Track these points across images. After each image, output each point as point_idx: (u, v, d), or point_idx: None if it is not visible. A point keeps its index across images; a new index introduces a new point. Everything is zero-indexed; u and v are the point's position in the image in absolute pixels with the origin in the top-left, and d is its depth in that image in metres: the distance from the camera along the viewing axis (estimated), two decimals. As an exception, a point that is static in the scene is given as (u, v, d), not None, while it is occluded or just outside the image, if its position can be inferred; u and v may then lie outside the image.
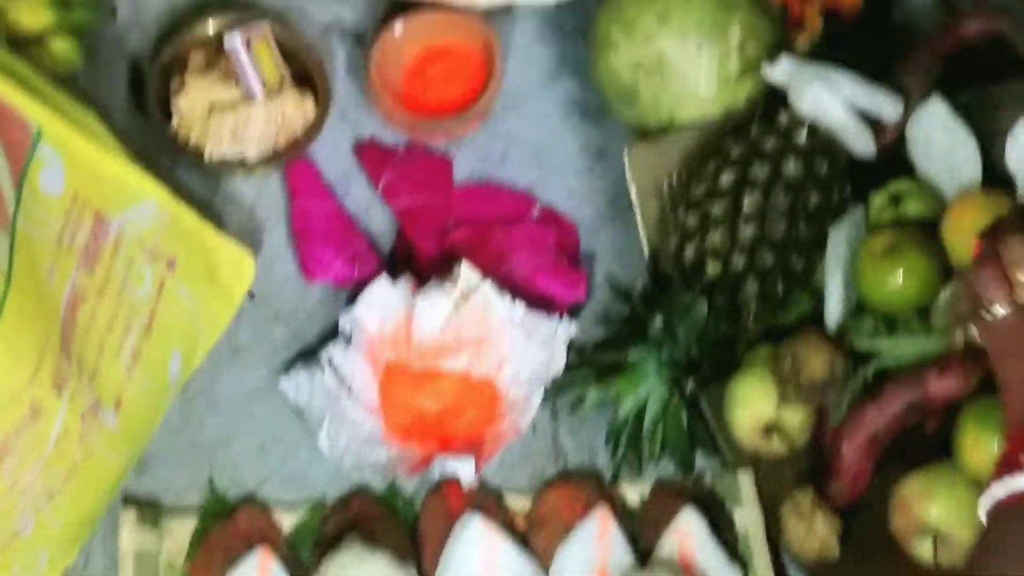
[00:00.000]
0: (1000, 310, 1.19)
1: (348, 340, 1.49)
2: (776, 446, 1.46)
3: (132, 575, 1.40)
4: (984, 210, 1.37)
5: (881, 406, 1.42)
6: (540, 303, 1.51)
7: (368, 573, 1.34)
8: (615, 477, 1.49)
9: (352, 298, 1.52)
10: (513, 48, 1.63)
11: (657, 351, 1.46)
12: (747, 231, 1.47)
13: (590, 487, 1.46)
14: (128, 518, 1.42)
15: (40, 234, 1.28)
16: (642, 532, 1.46)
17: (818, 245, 1.48)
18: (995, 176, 1.44)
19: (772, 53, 1.50)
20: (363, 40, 1.62)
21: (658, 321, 1.46)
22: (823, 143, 1.49)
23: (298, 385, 1.49)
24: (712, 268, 1.48)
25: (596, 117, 1.63)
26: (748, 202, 1.47)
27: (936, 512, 1.39)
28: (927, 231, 1.44)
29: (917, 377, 1.41)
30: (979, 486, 1.36)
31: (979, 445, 1.37)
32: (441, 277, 1.50)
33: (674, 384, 1.46)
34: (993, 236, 1.22)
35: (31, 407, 1.27)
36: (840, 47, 1.52)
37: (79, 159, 1.28)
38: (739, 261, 1.48)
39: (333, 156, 1.61)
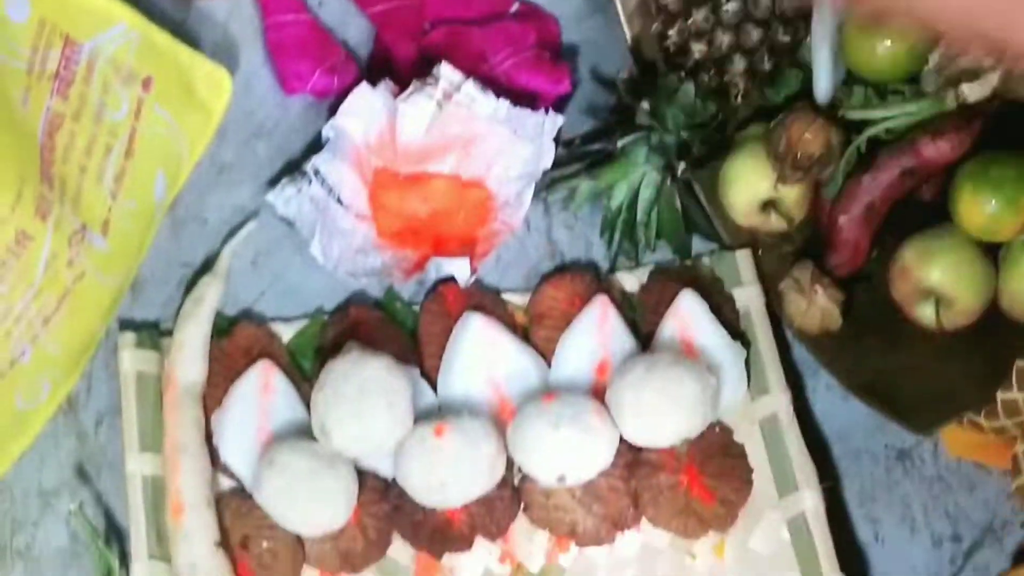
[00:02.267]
0: None
1: (333, 150, 1.46)
2: (774, 223, 1.44)
3: (134, 397, 1.39)
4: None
5: (876, 175, 1.40)
6: (524, 99, 1.48)
7: (370, 376, 1.33)
8: (612, 267, 1.49)
9: (333, 109, 1.49)
10: None
11: (646, 138, 1.43)
12: (731, 8, 1.44)
13: (587, 279, 1.45)
14: (127, 341, 1.41)
15: (10, 62, 1.27)
16: (642, 318, 1.45)
17: (804, 18, 1.45)
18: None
19: None
20: None
21: (645, 107, 1.43)
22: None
23: (286, 198, 1.46)
24: (697, 49, 1.45)
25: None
26: (731, -21, 1.41)
27: (937, 274, 1.38)
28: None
29: (911, 143, 1.39)
30: (978, 246, 1.37)
31: (976, 204, 1.36)
32: (421, 80, 1.47)
33: (666, 169, 1.44)
34: None
35: (16, 234, 1.27)
36: None
37: (42, -17, 1.26)
38: (724, 40, 1.45)
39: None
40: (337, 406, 1.32)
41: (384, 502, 1.37)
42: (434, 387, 1.42)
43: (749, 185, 1.43)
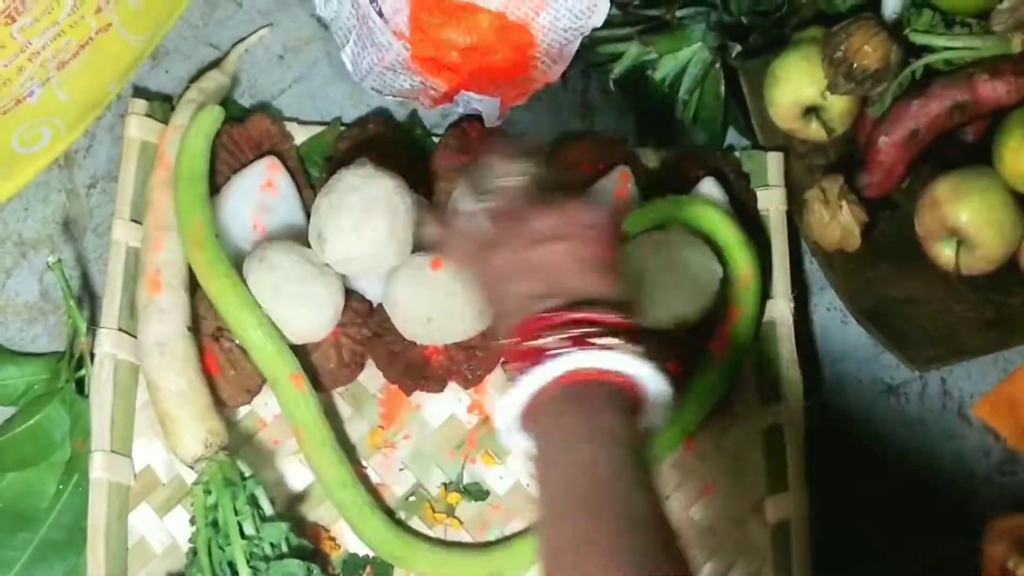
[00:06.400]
0: None
1: (382, -40, 1.41)
2: (813, 131, 1.41)
3: (135, 165, 1.34)
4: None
5: (926, 103, 1.37)
6: (587, -47, 1.43)
7: (378, 194, 1.28)
8: (642, 140, 1.44)
9: (392, -80, 1.44)
10: None
11: (706, 14, 1.39)
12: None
13: (614, 147, 1.41)
14: (137, 108, 1.36)
15: None
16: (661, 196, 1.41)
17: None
18: None
19: None
20: None
21: (712, -19, 1.39)
22: None
23: (326, -3, 1.42)
24: (773, -65, 1.41)
25: None
26: None
27: (966, 215, 1.35)
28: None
29: (967, 78, 1.36)
30: (1013, 196, 1.34)
31: (1022, 152, 1.33)
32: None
33: (718, 51, 1.40)
34: None
35: (48, -33, 1.21)
36: None
37: None
38: (802, -68, 1.41)
39: None
40: (339, 216, 1.27)
41: (365, 326, 1.33)
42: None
43: (796, 87, 1.39)
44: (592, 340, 0.97)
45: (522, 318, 1.00)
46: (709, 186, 1.39)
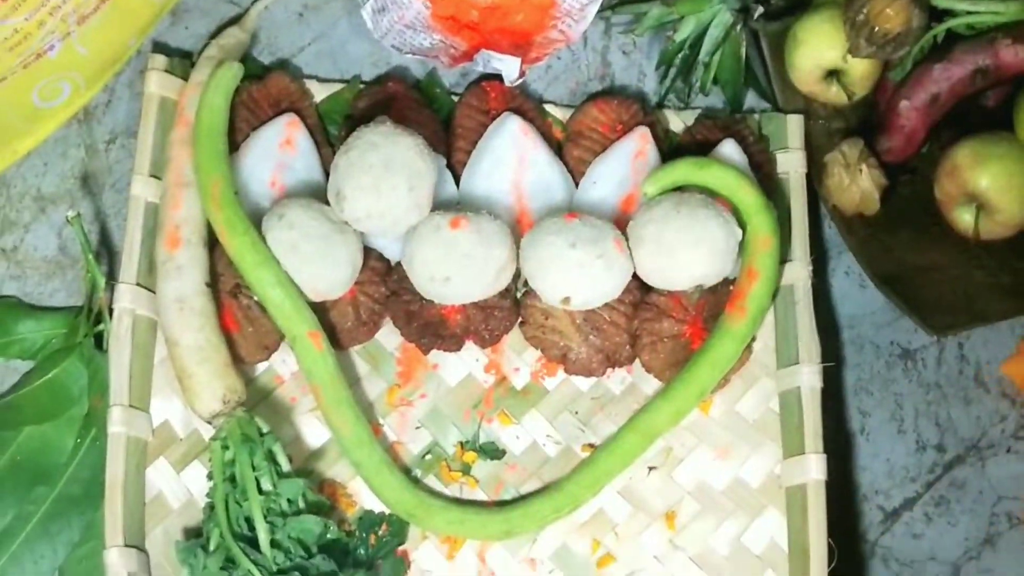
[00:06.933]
0: None
1: (403, -82, 1.41)
2: (833, 94, 1.40)
3: (154, 120, 1.34)
4: None
5: (948, 67, 1.36)
6: (608, -85, 1.43)
7: (398, 153, 1.28)
8: (660, 103, 1.44)
9: None
10: None
11: (727, -26, 1.39)
12: None
13: (634, 108, 1.41)
14: (157, 63, 1.36)
15: None
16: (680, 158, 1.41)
17: None
18: None
19: None
20: None
21: (733, -58, 1.38)
22: None
23: (347, -44, 1.41)
24: None
25: None
26: None
27: (986, 180, 1.35)
28: None
29: (990, 43, 1.35)
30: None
31: (1044, 117, 1.33)
32: None
33: (740, 13, 1.39)
34: None
35: (69, -79, 1.21)
36: None
37: None
38: None
39: None
40: (359, 174, 1.27)
41: (383, 285, 1.33)
42: (457, 181, 1.38)
43: (818, 50, 1.39)
44: None
45: None
46: (729, 148, 1.38)
